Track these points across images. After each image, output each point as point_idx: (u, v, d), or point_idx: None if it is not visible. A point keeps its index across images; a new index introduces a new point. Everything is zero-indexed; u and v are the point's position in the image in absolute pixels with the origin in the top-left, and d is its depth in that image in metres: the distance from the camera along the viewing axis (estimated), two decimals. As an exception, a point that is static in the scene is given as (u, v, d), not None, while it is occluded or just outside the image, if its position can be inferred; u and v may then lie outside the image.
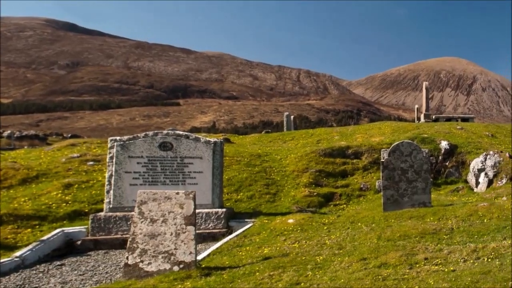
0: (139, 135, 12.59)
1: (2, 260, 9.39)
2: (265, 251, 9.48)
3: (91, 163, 16.44)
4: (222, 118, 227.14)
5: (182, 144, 12.53)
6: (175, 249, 7.83)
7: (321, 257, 8.43)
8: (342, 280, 6.87)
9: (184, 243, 7.85)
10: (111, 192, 12.08)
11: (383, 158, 13.37)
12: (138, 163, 12.25)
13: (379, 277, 6.89)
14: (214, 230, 12.10)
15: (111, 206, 12.04)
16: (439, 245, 8.93)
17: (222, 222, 12.30)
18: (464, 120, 38.30)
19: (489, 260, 7.58)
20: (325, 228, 11.49)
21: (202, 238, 11.62)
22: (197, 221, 10.41)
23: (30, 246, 10.44)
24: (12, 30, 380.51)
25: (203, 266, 8.31)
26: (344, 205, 15.59)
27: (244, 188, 15.51)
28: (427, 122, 33.82)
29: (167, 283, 7.23)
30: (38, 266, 9.81)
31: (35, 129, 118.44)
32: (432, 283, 6.42)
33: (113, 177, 12.12)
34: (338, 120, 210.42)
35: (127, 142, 12.30)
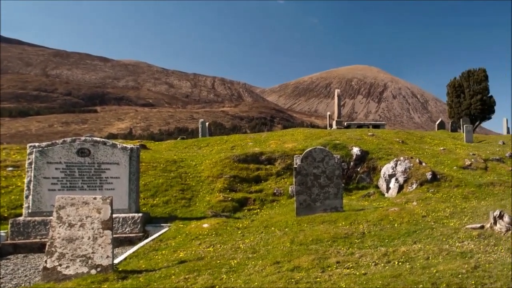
0: (57, 141, 12.52)
1: None
2: (181, 255, 9.54)
3: (10, 169, 16.28)
4: (139, 125, 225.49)
5: (99, 150, 12.52)
6: (92, 253, 7.85)
7: (235, 261, 8.55)
8: (256, 283, 6.99)
9: (102, 247, 7.88)
10: (30, 197, 11.98)
11: (296, 164, 13.50)
12: (56, 168, 12.19)
13: (292, 280, 6.99)
14: (130, 234, 12.11)
15: (30, 211, 11.94)
16: (350, 249, 9.11)
17: (139, 226, 12.32)
18: (375, 126, 39.11)
19: (400, 263, 7.76)
20: (239, 232, 11.61)
21: (119, 242, 11.62)
22: (114, 225, 10.62)
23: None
24: None
25: (120, 269, 8.33)
26: (258, 210, 15.72)
27: (160, 193, 15.53)
28: (339, 129, 34.38)
29: (84, 286, 7.25)
30: (-45, 270, 9.65)
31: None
32: (344, 286, 6.56)
33: (32, 182, 12.03)
34: (252, 127, 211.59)
35: (46, 148, 12.22)
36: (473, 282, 6.54)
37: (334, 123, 39.27)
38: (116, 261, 9.13)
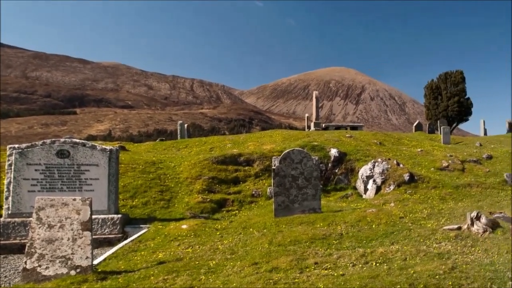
0: (37, 143, 12.53)
1: None
2: (160, 256, 9.57)
3: (-11, 170, 15.98)
4: (118, 127, 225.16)
5: (79, 151, 12.55)
6: (72, 254, 7.87)
7: (214, 262, 8.61)
8: (235, 284, 7.01)
9: (81, 248, 7.90)
10: (10, 198, 12.00)
11: (274, 165, 13.51)
12: (36, 170, 12.20)
13: (271, 281, 6.99)
14: (110, 235, 12.12)
15: (9, 212, 11.96)
16: (328, 250, 9.13)
17: (118, 227, 12.35)
18: (353, 128, 39.20)
19: (377, 264, 7.78)
20: (218, 233, 11.65)
21: (98, 243, 11.64)
22: (93, 226, 10.65)
23: None
24: None
25: (99, 270, 8.33)
26: (237, 211, 15.75)
27: (139, 195, 15.53)
28: (317, 130, 34.42)
29: (64, 287, 7.25)
30: None
31: None
32: (322, 286, 6.59)
33: (11, 184, 12.04)
34: (230, 129, 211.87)
35: (26, 149, 12.24)
36: (450, 283, 6.57)
37: (312, 124, 39.31)
38: (95, 262, 9.12)
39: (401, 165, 18.93)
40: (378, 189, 17.78)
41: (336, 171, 20.04)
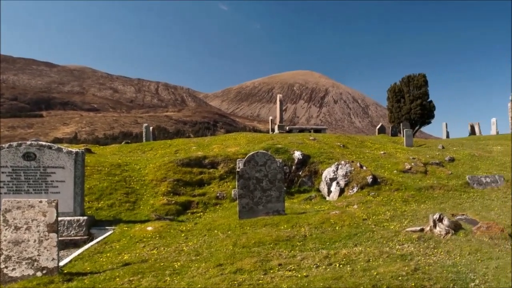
0: (3, 145, 12.52)
1: None
2: (125, 257, 9.62)
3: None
4: (84, 129, 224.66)
5: (45, 154, 12.54)
6: (38, 255, 7.90)
7: (179, 263, 8.69)
8: (199, 286, 7.13)
9: (47, 250, 7.94)
10: None
11: (239, 167, 13.54)
12: (3, 172, 12.22)
13: (235, 282, 7.04)
14: (76, 237, 12.13)
15: None
16: (292, 251, 9.17)
17: (84, 229, 12.36)
18: (317, 131, 39.36)
19: (341, 266, 7.84)
20: (183, 235, 11.71)
21: (65, 245, 11.62)
22: (59, 228, 10.66)
23: None
24: None
25: (66, 271, 8.37)
26: (201, 213, 15.74)
27: (105, 197, 15.49)
28: (281, 133, 34.51)
29: None
30: None
31: None
32: (286, 288, 6.53)
33: None
34: (195, 131, 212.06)
35: None
36: (413, 284, 6.63)
37: (276, 127, 39.40)
38: (61, 263, 9.13)
39: (364, 168, 19.03)
40: (342, 191, 17.84)
41: (300, 173, 20.09)
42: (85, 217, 12.58)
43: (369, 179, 17.85)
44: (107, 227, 12.81)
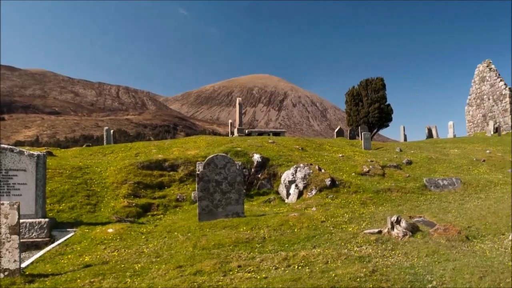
0: None
1: None
2: (86, 259, 9.64)
3: None
4: (45, 133, 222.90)
5: (6, 157, 12.49)
6: (0, 257, 7.93)
7: (139, 265, 8.79)
8: (160, 287, 7.24)
9: (9, 252, 7.98)
10: None
11: (199, 170, 13.58)
12: None
13: (195, 284, 7.10)
14: (37, 239, 12.05)
15: None
16: (252, 253, 9.23)
17: (45, 231, 12.28)
18: (276, 134, 39.44)
19: (300, 267, 7.90)
20: (143, 237, 11.75)
21: (26, 247, 11.55)
22: (21, 230, 10.44)
23: None
24: None
25: (27, 273, 8.42)
26: (162, 215, 15.77)
27: (66, 199, 15.43)
28: (241, 136, 34.49)
29: None
30: None
31: None
32: (245, 289, 6.58)
33: None
34: (155, 134, 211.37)
35: None
36: (371, 285, 6.70)
37: (235, 130, 39.38)
38: (23, 265, 9.12)
39: (322, 170, 19.13)
40: (300, 193, 17.91)
41: (259, 176, 20.12)
42: (47, 219, 12.48)
43: (328, 181, 17.96)
44: (68, 229, 12.78)
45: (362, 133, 32.93)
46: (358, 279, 7.00)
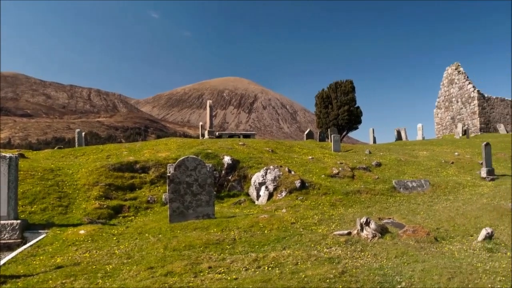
0: None
1: None
2: (58, 260, 9.69)
3: None
4: (17, 135, 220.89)
5: None
6: None
7: (110, 266, 8.87)
8: None
9: None
10: None
11: (169, 172, 13.61)
12: None
13: (166, 285, 7.16)
14: (9, 241, 12.01)
15: None
16: (222, 254, 9.28)
17: (17, 233, 12.26)
18: (246, 136, 39.42)
19: (270, 268, 7.95)
20: (115, 238, 11.79)
21: None
22: None
23: None
24: None
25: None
26: (133, 217, 15.77)
27: (38, 201, 15.35)
28: (211, 139, 34.47)
29: None
30: None
31: None
32: (216, 290, 6.63)
33: None
34: (127, 137, 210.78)
35: None
36: (340, 286, 6.79)
37: (206, 133, 39.33)
38: None
39: (292, 172, 19.21)
40: (271, 195, 17.98)
41: (230, 178, 20.15)
42: (19, 221, 12.45)
43: (298, 183, 18.04)
44: (40, 231, 12.74)
45: (332, 136, 33.03)
46: (327, 280, 7.07)
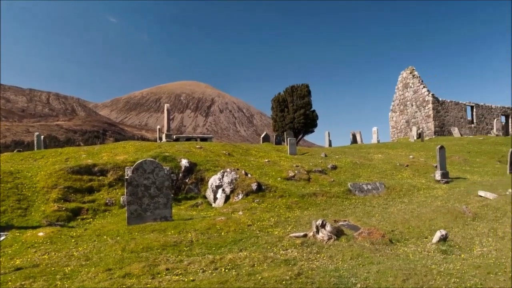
0: None
1: None
2: (17, 262, 9.71)
3: None
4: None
5: None
6: None
7: (69, 268, 8.94)
8: None
9: None
10: None
11: (127, 175, 13.62)
12: None
13: (124, 286, 7.28)
14: None
15: None
16: (179, 256, 9.37)
17: None
18: (203, 139, 39.41)
19: (226, 270, 8.07)
20: (73, 240, 11.85)
21: None
22: None
23: None
24: None
25: None
26: (91, 219, 15.77)
27: (-3, 204, 15.32)
28: (169, 142, 34.42)
29: None
30: None
31: None
32: (173, 291, 6.72)
33: None
34: (85, 140, 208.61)
35: None
36: (296, 288, 6.86)
37: (164, 136, 39.20)
38: None
39: (249, 175, 19.33)
40: (227, 198, 18.08)
41: (187, 180, 20.17)
42: (-22, 223, 12.35)
43: (254, 186, 18.17)
44: (-1, 233, 12.69)
45: (288, 139, 33.16)
46: (284, 282, 7.19)
